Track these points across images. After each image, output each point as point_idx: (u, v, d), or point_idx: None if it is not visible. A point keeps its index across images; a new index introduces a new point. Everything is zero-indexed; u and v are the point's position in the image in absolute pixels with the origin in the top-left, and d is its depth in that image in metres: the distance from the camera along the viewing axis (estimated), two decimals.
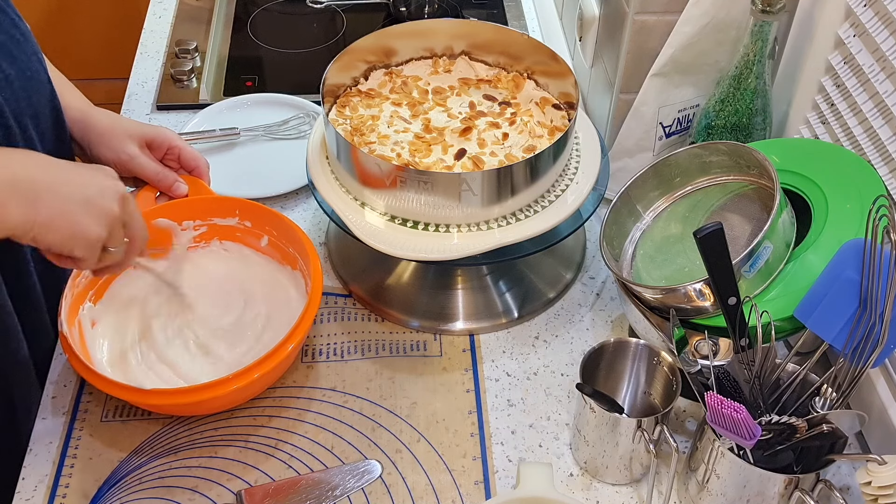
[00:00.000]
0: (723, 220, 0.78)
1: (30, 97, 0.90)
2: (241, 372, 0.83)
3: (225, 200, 1.00)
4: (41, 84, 0.92)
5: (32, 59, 0.92)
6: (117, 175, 0.82)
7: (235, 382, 0.83)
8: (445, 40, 1.04)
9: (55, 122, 0.95)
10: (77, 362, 0.85)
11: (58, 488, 0.85)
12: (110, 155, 0.97)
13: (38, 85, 0.92)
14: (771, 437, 0.76)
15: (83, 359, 0.85)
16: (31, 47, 0.92)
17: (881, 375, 0.84)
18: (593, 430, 0.83)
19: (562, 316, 1.02)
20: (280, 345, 0.85)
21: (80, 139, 0.99)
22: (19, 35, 0.91)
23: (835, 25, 0.89)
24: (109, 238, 0.79)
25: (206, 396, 0.83)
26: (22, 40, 0.91)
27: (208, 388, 0.83)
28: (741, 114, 0.96)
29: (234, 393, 0.84)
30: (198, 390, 0.83)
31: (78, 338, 0.89)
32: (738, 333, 0.79)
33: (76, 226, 0.76)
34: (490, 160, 0.92)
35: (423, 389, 0.94)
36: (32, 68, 0.91)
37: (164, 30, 1.42)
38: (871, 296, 0.72)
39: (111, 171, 0.82)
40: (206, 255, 1.01)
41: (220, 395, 0.83)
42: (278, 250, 0.99)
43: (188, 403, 0.84)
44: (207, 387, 0.83)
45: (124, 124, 0.99)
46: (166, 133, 1.01)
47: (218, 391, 0.83)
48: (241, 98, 1.27)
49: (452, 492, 0.86)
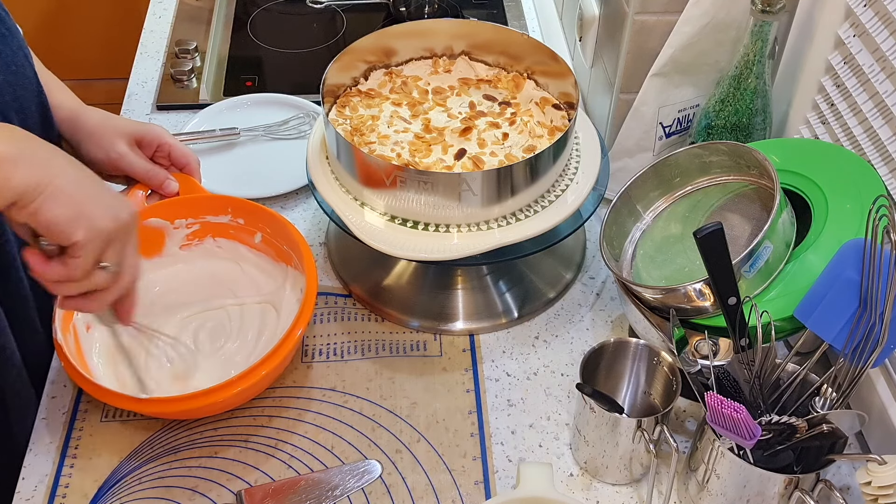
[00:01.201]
0: (723, 220, 0.78)
1: (15, 92, 0.89)
2: (240, 376, 0.83)
3: (217, 198, 0.99)
4: (27, 80, 0.91)
5: (18, 54, 0.90)
6: None
7: (235, 387, 0.82)
8: (445, 40, 1.04)
9: (42, 118, 0.94)
10: (74, 372, 0.84)
11: (58, 488, 0.85)
12: (100, 153, 0.96)
13: (24, 80, 0.91)
14: (771, 437, 0.76)
15: (79, 367, 0.84)
16: (16, 42, 0.91)
17: (881, 375, 0.84)
18: (593, 430, 0.83)
19: (562, 316, 1.02)
20: (280, 343, 0.85)
21: (69, 137, 0.98)
22: (5, 30, 0.90)
23: (835, 25, 0.89)
24: (109, 247, 0.72)
25: (204, 403, 0.83)
26: (8, 35, 0.90)
27: (206, 395, 0.82)
28: (741, 114, 0.96)
29: (232, 397, 0.83)
30: (195, 397, 0.82)
31: (73, 344, 0.88)
32: (738, 333, 0.79)
33: (86, 205, 0.70)
34: (490, 160, 0.92)
35: (423, 389, 0.94)
36: (18, 63, 0.90)
37: (164, 30, 1.42)
38: (871, 296, 0.72)
39: None
40: (199, 253, 1.00)
41: (219, 400, 0.83)
42: (272, 247, 0.98)
43: (186, 410, 0.84)
44: (205, 393, 0.82)
45: (114, 122, 0.99)
46: (156, 130, 1.00)
47: (215, 397, 0.82)
48: (241, 98, 1.27)
49: (452, 492, 0.86)
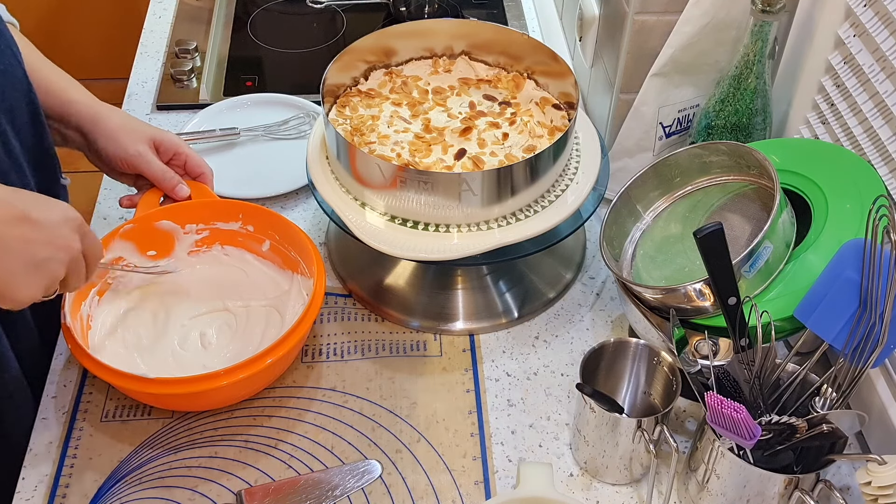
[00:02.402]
0: (723, 220, 0.78)
1: (3, 92, 0.89)
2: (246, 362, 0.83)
3: (228, 204, 1.00)
4: (16, 80, 0.91)
5: (6, 52, 0.90)
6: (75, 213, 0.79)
7: (239, 373, 0.83)
8: (445, 40, 1.04)
9: (32, 117, 0.94)
10: (81, 353, 0.85)
11: (58, 488, 0.85)
12: (118, 150, 0.97)
13: (13, 80, 0.91)
14: (771, 437, 0.76)
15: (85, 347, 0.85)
16: (4, 41, 0.90)
17: (881, 375, 0.84)
18: (593, 430, 0.83)
19: (562, 316, 1.02)
20: (288, 334, 0.85)
21: (87, 132, 0.99)
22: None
23: (835, 25, 0.89)
24: (46, 291, 0.76)
25: (208, 386, 0.83)
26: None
27: (210, 379, 0.83)
28: (741, 114, 0.96)
29: (237, 385, 0.84)
30: (200, 379, 0.83)
31: (80, 331, 0.89)
32: (738, 333, 0.79)
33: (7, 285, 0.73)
34: (490, 160, 0.92)
35: (423, 389, 0.94)
36: (6, 62, 0.90)
37: (164, 30, 1.42)
38: (871, 296, 0.72)
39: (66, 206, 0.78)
40: (206, 259, 1.01)
41: (222, 385, 0.83)
42: (279, 255, 0.99)
43: (190, 394, 0.84)
44: (210, 377, 0.83)
45: (135, 124, 1.00)
46: (174, 139, 1.01)
47: (219, 381, 0.83)
48: (241, 98, 1.27)
49: (452, 492, 0.86)
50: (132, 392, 0.87)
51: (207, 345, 0.94)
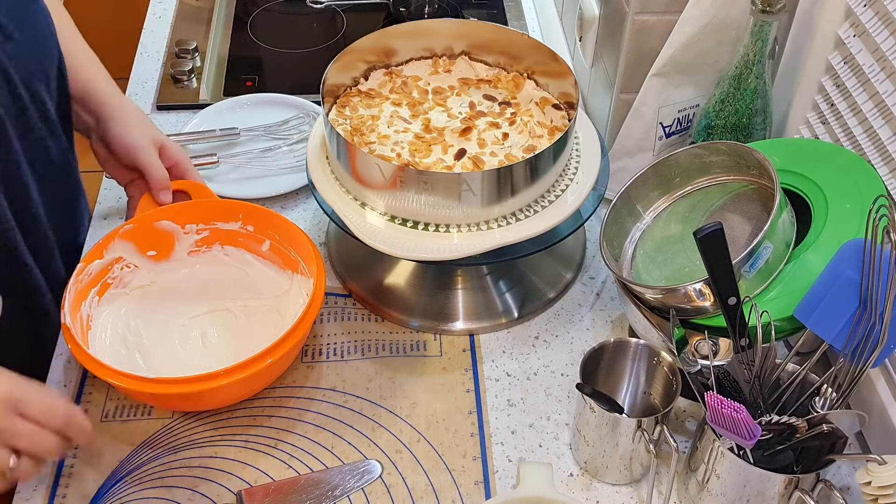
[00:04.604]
0: (723, 220, 0.78)
1: (41, 61, 0.91)
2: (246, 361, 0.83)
3: (228, 204, 1.00)
4: (50, 49, 0.93)
5: (43, 23, 0.92)
6: None
7: (240, 372, 0.83)
8: (445, 40, 1.04)
9: (60, 84, 0.97)
10: (81, 353, 0.84)
11: (58, 488, 0.85)
12: (127, 139, 0.99)
13: (48, 50, 0.93)
14: (771, 437, 0.76)
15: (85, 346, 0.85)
16: (42, 12, 0.92)
17: (881, 375, 0.84)
18: (593, 430, 0.83)
19: (562, 316, 1.02)
20: (288, 333, 0.85)
21: (102, 116, 1.01)
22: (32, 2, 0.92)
23: (835, 25, 0.89)
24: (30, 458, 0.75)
25: (208, 386, 0.83)
26: (30, 2, 0.91)
27: (211, 378, 0.82)
28: (741, 114, 0.96)
29: (236, 385, 0.84)
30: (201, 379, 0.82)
31: (80, 331, 0.89)
32: (738, 333, 0.79)
33: None
34: (490, 160, 0.92)
35: (423, 389, 0.94)
36: (43, 31, 0.92)
37: (164, 30, 1.42)
38: (871, 296, 0.72)
39: None
40: (206, 259, 1.01)
41: (223, 385, 0.83)
42: (280, 255, 0.99)
43: (191, 394, 0.84)
44: (210, 376, 0.82)
45: (148, 124, 1.03)
46: (181, 151, 1.03)
47: (220, 381, 0.82)
48: (241, 98, 1.27)
49: (452, 492, 0.86)
50: (132, 392, 0.87)
51: (208, 345, 0.94)
